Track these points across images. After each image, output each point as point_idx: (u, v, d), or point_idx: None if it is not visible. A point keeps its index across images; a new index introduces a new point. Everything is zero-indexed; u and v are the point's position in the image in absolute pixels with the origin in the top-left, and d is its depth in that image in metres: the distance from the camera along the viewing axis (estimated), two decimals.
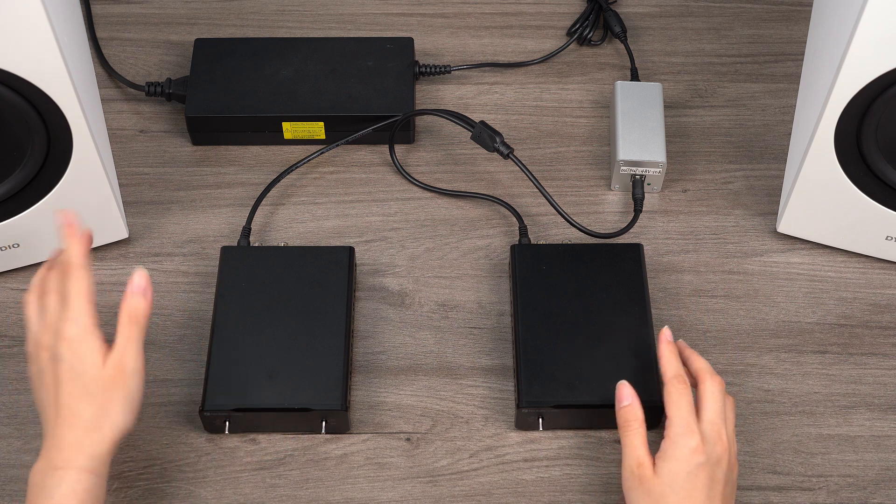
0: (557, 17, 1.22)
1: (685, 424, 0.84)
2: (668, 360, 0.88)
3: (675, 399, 0.85)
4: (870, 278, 1.03)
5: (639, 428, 0.86)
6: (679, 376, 0.87)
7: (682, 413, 0.85)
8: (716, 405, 0.86)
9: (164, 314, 1.00)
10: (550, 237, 1.05)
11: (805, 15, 1.20)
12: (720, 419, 0.85)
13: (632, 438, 0.85)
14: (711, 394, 0.86)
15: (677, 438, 0.84)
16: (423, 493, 0.91)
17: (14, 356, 0.98)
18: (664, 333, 0.90)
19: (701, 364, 0.89)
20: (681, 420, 0.84)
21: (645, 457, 0.84)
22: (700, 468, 0.82)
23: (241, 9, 1.22)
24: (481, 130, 1.04)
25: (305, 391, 0.91)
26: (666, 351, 0.89)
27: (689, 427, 0.84)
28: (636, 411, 0.86)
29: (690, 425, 0.84)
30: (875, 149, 0.93)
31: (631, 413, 0.86)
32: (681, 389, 0.86)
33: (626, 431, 0.86)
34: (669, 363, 0.88)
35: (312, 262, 0.98)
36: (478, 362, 0.98)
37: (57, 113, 0.89)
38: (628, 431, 0.86)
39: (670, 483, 0.82)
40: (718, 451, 0.84)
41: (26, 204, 0.95)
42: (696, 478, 0.82)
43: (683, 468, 0.83)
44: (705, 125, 1.13)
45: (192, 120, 1.09)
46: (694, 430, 0.84)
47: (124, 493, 0.90)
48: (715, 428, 0.84)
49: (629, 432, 0.86)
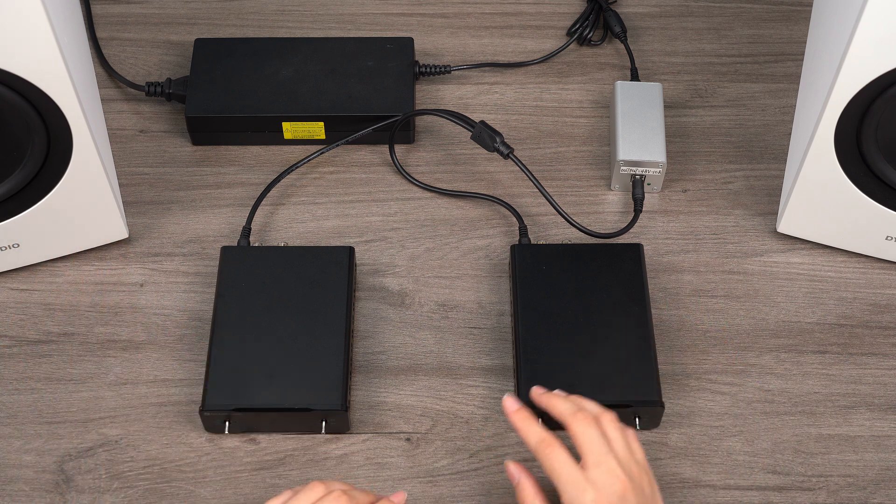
0: (557, 17, 1.22)
1: (573, 483, 0.79)
2: (523, 429, 0.83)
3: (549, 464, 0.80)
4: (870, 278, 1.03)
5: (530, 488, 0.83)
6: (542, 441, 0.81)
7: (564, 475, 0.79)
8: (593, 443, 0.81)
9: (164, 314, 1.00)
10: (550, 237, 1.05)
11: (805, 15, 1.20)
12: (604, 453, 0.80)
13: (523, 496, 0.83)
14: (582, 433, 0.81)
15: (574, 501, 0.78)
16: (423, 493, 0.91)
17: (14, 356, 0.98)
18: (506, 404, 0.85)
19: (562, 407, 0.84)
20: (567, 482, 0.79)
21: None
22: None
23: (241, 9, 1.22)
24: (481, 130, 1.04)
25: (305, 391, 0.91)
26: (517, 421, 0.84)
27: (577, 486, 0.79)
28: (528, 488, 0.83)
29: (579, 483, 0.79)
30: (875, 149, 0.93)
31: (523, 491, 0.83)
32: (548, 453, 0.81)
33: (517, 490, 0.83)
34: (526, 431, 0.83)
35: (312, 262, 0.98)
36: (478, 362, 0.98)
37: (57, 113, 0.89)
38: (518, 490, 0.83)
39: None
40: (619, 490, 0.78)
41: (26, 204, 0.95)
42: None
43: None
44: (705, 125, 1.13)
45: (192, 120, 1.09)
46: (584, 487, 0.78)
47: (124, 493, 0.90)
48: (603, 468, 0.79)
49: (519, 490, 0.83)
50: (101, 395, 0.96)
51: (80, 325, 0.99)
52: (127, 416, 0.94)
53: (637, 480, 0.80)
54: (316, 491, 0.80)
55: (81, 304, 1.01)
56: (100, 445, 0.93)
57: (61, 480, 0.91)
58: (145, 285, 1.02)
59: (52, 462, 0.92)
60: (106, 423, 0.94)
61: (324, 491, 0.80)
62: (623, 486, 0.79)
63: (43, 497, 0.90)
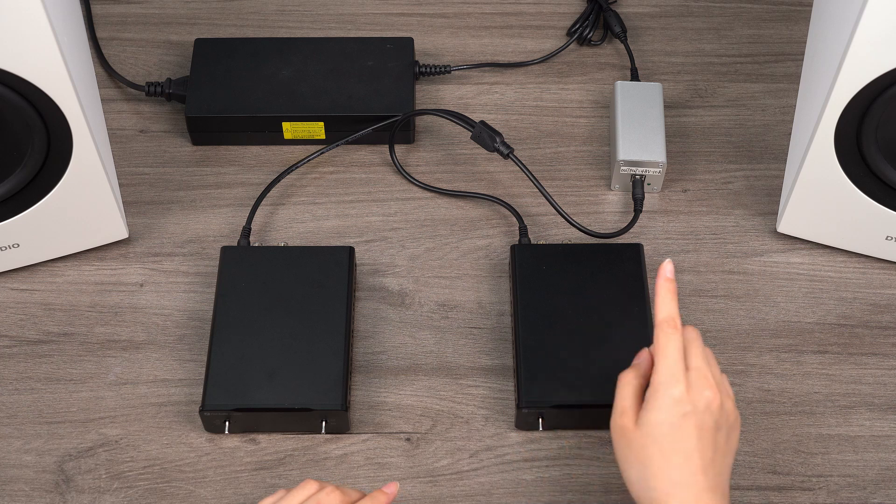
0: (557, 17, 1.22)
1: (671, 373, 0.79)
2: (662, 300, 0.82)
3: (663, 345, 0.80)
4: (870, 278, 1.03)
5: (633, 380, 0.82)
6: (669, 320, 0.81)
7: (668, 361, 0.80)
8: (699, 351, 0.81)
9: (164, 314, 1.00)
10: (550, 237, 1.05)
11: (805, 15, 1.20)
12: (706, 365, 0.80)
13: (622, 388, 0.82)
14: (692, 340, 0.82)
15: (660, 387, 0.79)
16: (423, 493, 0.91)
17: (14, 356, 0.98)
18: (664, 268, 0.83)
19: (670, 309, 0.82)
20: (666, 368, 0.79)
21: (630, 407, 0.80)
22: (685, 418, 0.78)
23: (241, 9, 1.22)
24: (481, 130, 1.04)
25: (305, 391, 0.91)
26: (662, 289, 0.82)
27: (674, 375, 0.79)
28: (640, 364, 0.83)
29: (676, 373, 0.79)
30: (875, 149, 0.93)
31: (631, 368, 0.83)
32: (669, 334, 0.80)
33: (620, 381, 0.82)
34: (663, 304, 0.82)
35: (312, 262, 0.98)
36: (478, 362, 0.98)
37: (57, 113, 0.89)
38: (621, 381, 0.82)
39: (651, 434, 0.78)
40: (707, 398, 0.79)
41: (26, 204, 0.95)
42: (680, 429, 0.78)
43: (667, 419, 0.78)
44: (705, 125, 1.13)
45: (192, 120, 1.09)
46: (679, 379, 0.79)
47: (124, 493, 0.90)
48: (701, 374, 0.80)
49: (621, 382, 0.82)
50: (101, 395, 0.96)
51: (80, 325, 0.99)
52: (127, 416, 0.94)
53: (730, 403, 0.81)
54: (308, 488, 0.81)
55: (81, 304, 1.01)
56: (100, 445, 0.93)
57: (61, 480, 0.91)
58: (145, 285, 1.02)
59: (52, 462, 0.92)
60: (106, 423, 0.94)
61: (317, 488, 0.81)
62: (713, 395, 0.79)
63: (43, 497, 0.90)
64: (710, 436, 0.78)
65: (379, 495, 0.82)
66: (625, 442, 0.80)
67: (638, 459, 0.79)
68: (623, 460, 0.80)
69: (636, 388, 0.82)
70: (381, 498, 0.82)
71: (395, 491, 0.83)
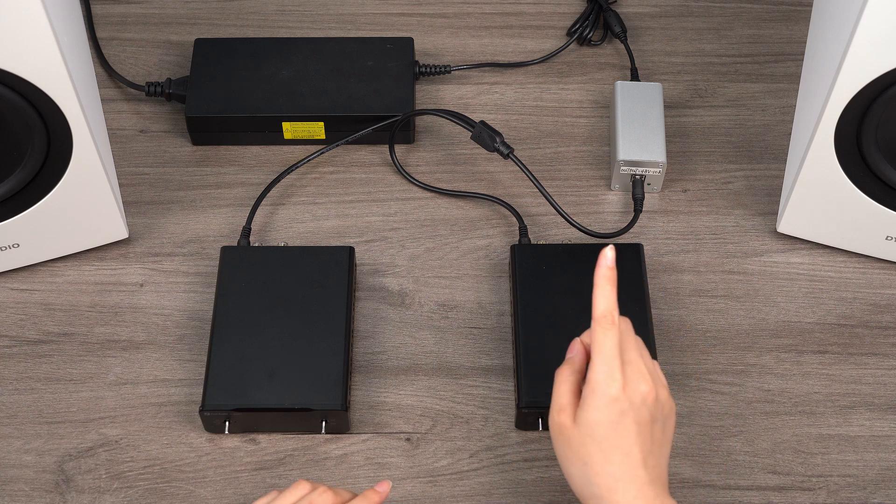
0: (557, 17, 1.22)
1: (608, 370, 0.78)
2: (601, 291, 0.80)
3: (600, 341, 0.79)
4: (870, 278, 1.03)
5: (569, 376, 0.81)
6: (607, 314, 0.79)
7: (605, 357, 0.78)
8: (632, 342, 0.81)
9: (164, 314, 1.00)
10: (550, 237, 1.05)
11: (805, 15, 1.20)
12: (640, 357, 0.80)
13: (559, 386, 0.81)
14: (624, 332, 0.81)
15: (598, 386, 0.78)
16: (423, 493, 0.91)
17: (14, 356, 0.98)
18: (604, 256, 0.81)
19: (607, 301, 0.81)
20: (603, 365, 0.78)
21: (568, 405, 0.79)
22: (623, 415, 0.78)
23: (241, 9, 1.22)
24: (481, 130, 1.04)
25: (305, 391, 0.91)
26: (601, 279, 0.80)
27: (611, 373, 0.78)
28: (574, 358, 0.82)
29: (613, 371, 0.78)
30: (875, 149, 0.93)
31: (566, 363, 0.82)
32: (606, 330, 0.79)
33: (556, 378, 0.81)
34: (601, 297, 0.80)
35: (312, 262, 0.98)
36: (478, 362, 0.98)
37: (57, 113, 0.89)
38: (557, 378, 0.81)
39: (590, 433, 0.78)
40: (643, 392, 0.79)
41: (26, 204, 0.95)
42: (619, 426, 0.78)
43: (605, 418, 0.78)
44: (705, 125, 1.13)
45: (192, 120, 1.09)
46: (616, 377, 0.78)
47: (124, 493, 0.90)
48: (636, 368, 0.79)
49: (558, 379, 0.81)
50: (101, 395, 0.96)
51: (80, 325, 0.99)
52: (127, 416, 0.94)
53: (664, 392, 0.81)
54: (301, 489, 0.81)
55: (81, 304, 1.01)
56: (100, 445, 0.93)
57: (61, 480, 0.91)
58: (145, 285, 1.02)
59: (52, 462, 0.92)
60: (106, 423, 0.94)
61: (309, 488, 0.81)
62: (649, 389, 0.79)
63: (43, 497, 0.90)
64: (647, 430, 0.79)
65: (371, 494, 0.82)
66: (563, 439, 0.79)
67: (578, 457, 0.79)
68: (563, 458, 0.80)
69: (573, 385, 0.81)
70: (373, 497, 0.82)
71: (387, 490, 0.83)
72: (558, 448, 0.80)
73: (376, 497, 0.82)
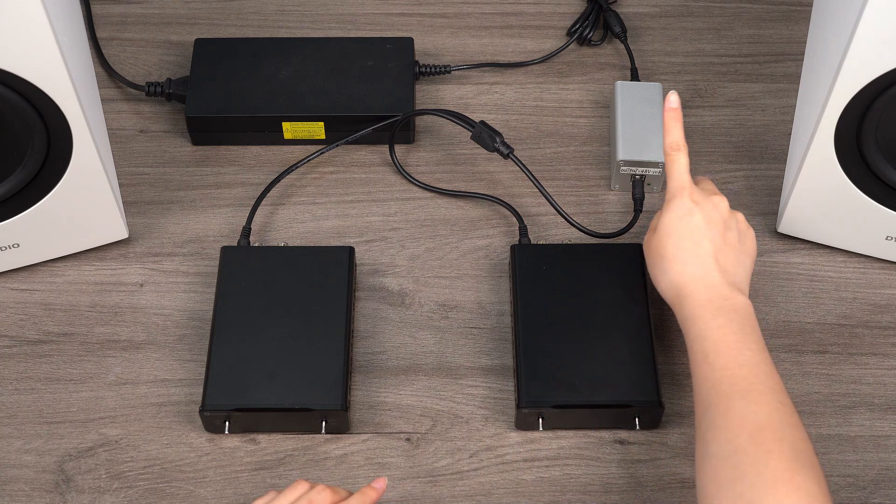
0: (557, 17, 1.22)
1: (678, 185, 0.91)
2: (669, 126, 0.92)
3: (671, 164, 0.91)
4: (870, 278, 1.03)
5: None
6: (674, 143, 0.91)
7: (675, 176, 0.91)
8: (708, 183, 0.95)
9: (164, 314, 1.00)
10: (550, 237, 1.05)
11: (805, 15, 1.20)
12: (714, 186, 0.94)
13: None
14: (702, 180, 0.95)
15: (671, 199, 0.91)
16: (423, 493, 0.91)
17: (14, 356, 0.98)
18: (669, 99, 0.93)
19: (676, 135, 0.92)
20: (674, 181, 0.91)
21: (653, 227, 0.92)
22: (691, 212, 0.89)
23: (241, 9, 1.22)
24: (481, 130, 1.04)
25: (305, 391, 0.91)
26: (668, 118, 0.92)
27: (681, 185, 0.90)
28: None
29: (683, 183, 0.91)
30: (875, 149, 0.93)
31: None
32: (674, 157, 0.91)
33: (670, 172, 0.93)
34: (669, 130, 0.92)
35: (312, 262, 0.98)
36: (478, 362, 0.98)
37: (57, 113, 0.89)
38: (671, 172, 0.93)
39: (666, 232, 0.90)
40: (715, 200, 0.91)
41: (26, 204, 0.95)
42: (688, 219, 0.89)
43: (675, 216, 0.90)
44: (705, 125, 1.13)
45: (192, 120, 1.09)
46: (685, 186, 0.90)
47: (124, 493, 0.90)
48: (710, 186, 0.93)
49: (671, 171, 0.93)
50: (101, 395, 0.96)
51: (80, 325, 0.99)
52: (127, 416, 0.94)
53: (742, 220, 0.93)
54: (299, 488, 0.82)
55: (81, 304, 1.01)
56: (100, 445, 0.93)
57: (61, 480, 0.91)
58: (145, 285, 1.02)
59: (52, 462, 0.92)
60: (106, 423, 0.94)
61: (308, 487, 0.82)
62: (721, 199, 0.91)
63: (43, 497, 0.90)
64: (718, 229, 0.89)
65: (369, 491, 0.83)
66: (649, 251, 0.92)
67: (657, 254, 0.90)
68: (650, 267, 0.92)
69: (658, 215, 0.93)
70: (370, 493, 0.83)
71: (383, 486, 0.84)
72: (648, 262, 0.92)
73: (373, 494, 0.82)
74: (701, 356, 0.83)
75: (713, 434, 0.79)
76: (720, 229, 0.89)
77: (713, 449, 0.78)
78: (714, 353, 0.83)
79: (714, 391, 0.81)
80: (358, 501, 0.81)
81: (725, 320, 0.84)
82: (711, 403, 0.80)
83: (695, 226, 0.89)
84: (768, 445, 0.76)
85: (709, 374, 0.82)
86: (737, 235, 0.90)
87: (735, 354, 0.82)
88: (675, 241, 0.89)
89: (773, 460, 0.75)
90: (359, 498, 0.82)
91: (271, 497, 0.82)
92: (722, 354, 0.82)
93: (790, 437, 0.77)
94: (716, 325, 0.84)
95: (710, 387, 0.81)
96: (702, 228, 0.89)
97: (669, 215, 0.90)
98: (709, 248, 0.88)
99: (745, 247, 0.91)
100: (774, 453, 0.75)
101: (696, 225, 0.89)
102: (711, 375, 0.82)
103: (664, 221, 0.90)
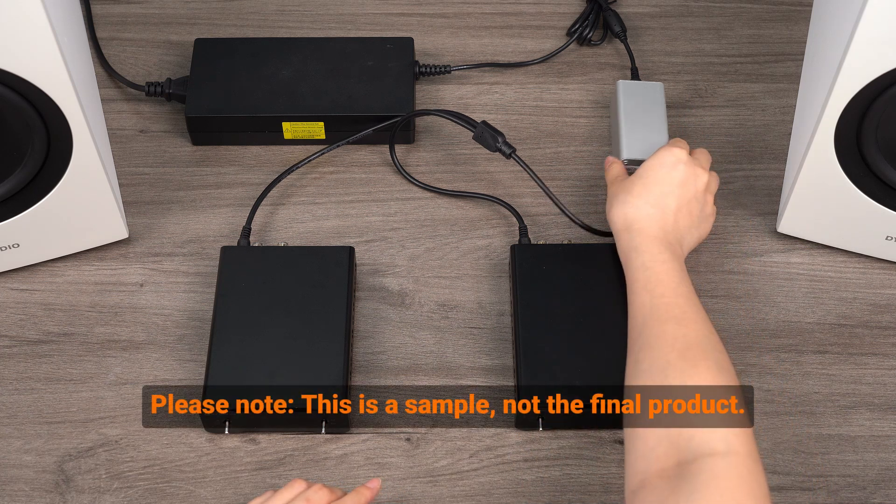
0: (557, 17, 1.22)
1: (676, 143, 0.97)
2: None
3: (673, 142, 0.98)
4: (870, 278, 1.03)
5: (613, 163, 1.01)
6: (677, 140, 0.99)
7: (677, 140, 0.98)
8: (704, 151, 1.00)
9: (164, 314, 1.00)
10: (550, 237, 1.05)
11: (805, 15, 1.20)
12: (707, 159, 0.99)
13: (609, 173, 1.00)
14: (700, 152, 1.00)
15: (663, 149, 0.96)
16: (423, 493, 0.91)
17: (14, 356, 0.98)
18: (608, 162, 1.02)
19: None
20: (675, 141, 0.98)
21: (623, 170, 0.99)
22: (675, 167, 0.94)
23: (241, 9, 1.22)
24: (483, 130, 1.04)
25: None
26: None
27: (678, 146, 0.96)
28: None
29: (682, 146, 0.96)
30: (875, 149, 0.93)
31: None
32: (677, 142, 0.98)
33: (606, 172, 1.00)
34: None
35: (312, 262, 0.98)
36: (478, 362, 0.98)
37: (57, 113, 0.89)
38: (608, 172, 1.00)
39: (641, 174, 0.95)
40: (699, 172, 0.95)
41: (26, 204, 0.95)
42: (669, 170, 0.94)
43: (659, 161, 0.95)
44: (705, 125, 1.13)
45: (192, 120, 1.09)
46: (682, 148, 0.96)
47: (124, 493, 0.90)
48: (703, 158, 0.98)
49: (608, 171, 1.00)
50: (101, 395, 0.96)
51: (80, 325, 0.99)
52: (127, 416, 0.94)
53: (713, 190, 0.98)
54: (296, 488, 0.82)
55: (81, 304, 1.01)
56: (100, 445, 0.93)
57: (61, 480, 0.91)
58: (145, 285, 1.02)
59: (52, 462, 0.92)
60: (106, 423, 0.94)
61: (304, 487, 0.82)
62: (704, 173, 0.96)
63: (43, 497, 0.90)
64: (688, 195, 0.94)
65: (363, 490, 0.83)
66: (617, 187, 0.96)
67: (624, 190, 0.95)
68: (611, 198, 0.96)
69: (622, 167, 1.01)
70: (365, 493, 0.83)
71: (377, 486, 0.85)
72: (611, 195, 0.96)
73: (368, 493, 0.83)
74: (642, 284, 0.89)
75: (645, 353, 0.85)
76: (689, 196, 0.94)
77: (644, 366, 0.84)
78: (656, 282, 0.89)
79: (651, 316, 0.87)
80: (353, 501, 0.82)
81: (670, 256, 0.91)
82: (647, 326, 0.86)
83: (671, 178, 0.94)
84: (695, 360, 0.82)
85: (647, 300, 0.88)
86: (699, 210, 0.95)
87: (675, 286, 0.88)
88: (645, 183, 0.94)
89: (701, 372, 0.81)
90: (354, 497, 0.82)
91: (268, 497, 0.82)
92: (663, 284, 0.88)
93: (715, 357, 0.83)
94: (661, 259, 0.90)
95: (648, 312, 0.87)
96: (675, 184, 0.94)
97: (654, 160, 0.95)
98: (672, 203, 0.93)
99: (701, 223, 0.96)
100: (701, 367, 0.82)
101: (671, 178, 0.94)
102: (650, 302, 0.88)
103: (647, 164, 0.95)
